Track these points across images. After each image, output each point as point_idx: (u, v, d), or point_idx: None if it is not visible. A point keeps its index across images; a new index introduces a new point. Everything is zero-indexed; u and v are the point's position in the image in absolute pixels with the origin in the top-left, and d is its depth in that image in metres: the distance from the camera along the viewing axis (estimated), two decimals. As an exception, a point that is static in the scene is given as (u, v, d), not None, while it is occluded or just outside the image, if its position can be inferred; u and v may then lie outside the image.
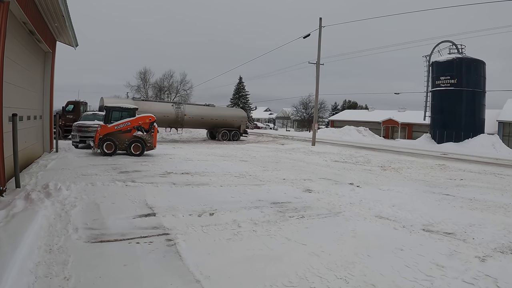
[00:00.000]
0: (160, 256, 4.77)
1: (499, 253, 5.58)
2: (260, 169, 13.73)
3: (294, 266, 4.62)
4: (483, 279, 4.51)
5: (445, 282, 4.35)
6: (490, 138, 37.00)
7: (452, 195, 10.28)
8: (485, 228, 6.97)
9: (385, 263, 4.84)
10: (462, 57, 39.65)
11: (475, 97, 39.37)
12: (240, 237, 5.73)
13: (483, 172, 16.80)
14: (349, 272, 4.48)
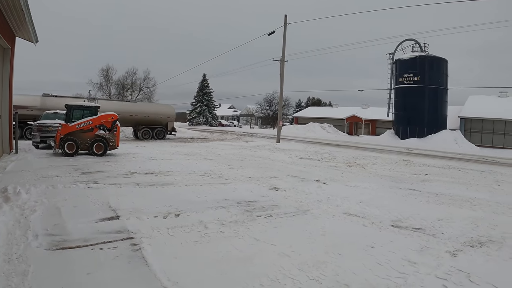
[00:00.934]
0: (125, 263, 4.57)
1: (469, 247, 5.70)
2: (225, 167, 13.64)
3: (265, 268, 4.53)
4: (455, 274, 4.57)
5: (419, 279, 4.38)
6: (452, 133, 38.42)
7: (418, 190, 10.51)
8: (453, 222, 7.13)
9: (357, 261, 4.83)
10: (425, 55, 41.19)
11: (438, 94, 40.98)
12: (208, 239, 5.60)
13: (447, 167, 17.32)
14: (321, 272, 4.44)
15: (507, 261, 5.21)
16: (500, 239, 6.26)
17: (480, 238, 6.26)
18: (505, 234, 6.56)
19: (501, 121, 39.34)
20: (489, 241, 6.12)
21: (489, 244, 5.95)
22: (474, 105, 42.45)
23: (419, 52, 41.93)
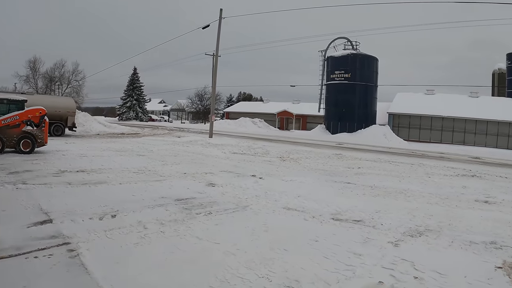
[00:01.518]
0: (63, 271, 4.24)
1: (409, 237, 5.97)
2: (159, 163, 13.32)
3: (212, 268, 4.42)
4: (401, 264, 4.76)
5: (366, 270, 4.50)
6: (381, 128, 40.30)
7: (353, 183, 10.84)
8: (390, 213, 7.43)
9: (304, 256, 4.86)
10: (356, 53, 43.12)
11: (368, 90, 43.09)
12: (148, 240, 5.38)
13: (378, 160, 18.02)
14: (269, 270, 4.41)
15: (446, 249, 5.53)
16: (437, 228, 6.61)
17: (418, 228, 6.56)
18: (441, 223, 6.94)
19: (427, 117, 41.87)
20: (427, 230, 6.44)
21: (428, 233, 6.27)
22: (402, 101, 44.81)
23: (351, 50, 43.77)
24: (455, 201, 9.28)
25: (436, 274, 4.52)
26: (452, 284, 4.31)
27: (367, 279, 4.29)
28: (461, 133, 41.55)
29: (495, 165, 20.76)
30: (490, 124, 41.07)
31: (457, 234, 6.31)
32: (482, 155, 28.09)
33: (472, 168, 17.26)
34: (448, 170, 15.75)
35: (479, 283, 4.40)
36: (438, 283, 4.29)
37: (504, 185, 12.85)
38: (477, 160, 23.11)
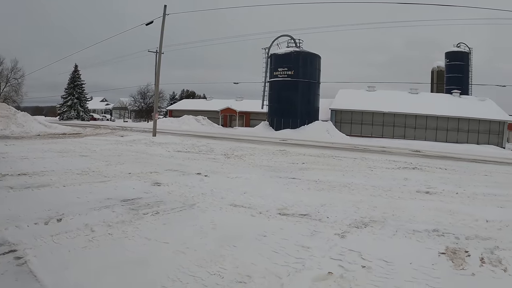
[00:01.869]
0: (12, 280, 3.99)
1: (355, 228, 6.15)
2: (103, 164, 12.92)
3: (163, 268, 4.35)
4: (348, 254, 4.90)
5: (315, 262, 4.60)
6: (324, 124, 41.30)
7: (298, 178, 11.00)
8: (335, 207, 7.60)
9: (253, 252, 4.89)
10: (299, 51, 43.93)
11: (310, 87, 44.07)
12: (97, 243, 5.20)
13: (322, 155, 18.40)
14: (220, 267, 4.40)
15: (391, 238, 5.77)
16: (381, 218, 6.86)
17: (363, 219, 6.77)
18: (385, 214, 7.21)
19: (369, 113, 43.50)
20: (372, 221, 6.66)
21: (373, 224, 6.48)
22: (344, 98, 46.31)
23: (294, 47, 44.54)
24: (397, 192, 9.65)
25: (382, 262, 4.70)
26: (398, 271, 4.49)
27: (317, 271, 4.38)
28: (402, 127, 43.46)
29: (434, 157, 21.78)
30: (430, 119, 43.28)
31: (400, 224, 6.57)
32: (422, 148, 29.39)
33: (413, 161, 18.03)
34: (390, 163, 16.35)
35: (424, 268, 4.62)
36: (385, 271, 4.47)
37: (444, 176, 13.51)
38: (418, 153, 24.14)
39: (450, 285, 4.33)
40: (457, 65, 60.22)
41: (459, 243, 5.80)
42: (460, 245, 5.70)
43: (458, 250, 5.49)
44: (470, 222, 7.14)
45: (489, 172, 16.01)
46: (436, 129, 43.40)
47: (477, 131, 43.38)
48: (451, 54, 61.11)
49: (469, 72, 60.76)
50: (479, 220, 7.30)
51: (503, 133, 43.95)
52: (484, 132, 43.54)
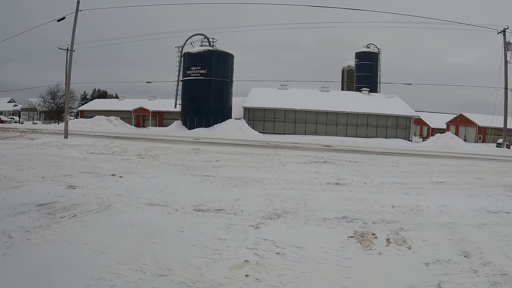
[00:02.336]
0: None
1: (268, 220, 6.45)
2: (14, 169, 12.15)
3: (86, 269, 4.31)
4: (263, 243, 5.18)
5: (232, 252, 4.82)
6: (237, 122, 41.77)
7: (212, 176, 11.12)
8: (249, 201, 7.85)
9: (172, 247, 4.99)
10: (213, 50, 43.96)
11: (224, 86, 44.30)
12: (16, 249, 4.97)
13: (235, 153, 18.65)
14: (141, 263, 4.46)
15: (303, 226, 6.14)
16: (293, 209, 7.23)
17: (276, 211, 7.09)
18: (296, 205, 7.59)
19: (281, 110, 44.71)
20: (284, 212, 7.00)
21: (285, 215, 6.83)
22: (257, 96, 47.18)
23: (208, 46, 44.40)
24: (309, 185, 10.12)
25: (296, 248, 5.03)
26: (310, 255, 4.85)
27: (234, 260, 4.60)
28: (314, 124, 45.15)
29: (344, 151, 22.87)
30: (340, 116, 45.36)
31: (312, 213, 7.00)
32: (333, 143, 30.70)
33: (324, 155, 18.84)
34: (302, 158, 16.97)
35: (334, 251, 5.03)
36: (298, 256, 4.80)
37: (353, 168, 14.31)
38: (328, 148, 25.19)
39: (359, 263, 4.76)
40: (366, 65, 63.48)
41: (366, 227, 6.34)
42: (368, 229, 6.24)
43: (366, 233, 6.00)
44: (377, 208, 7.76)
45: (396, 163, 17.17)
46: (347, 125, 45.62)
47: (386, 126, 46.25)
48: (361, 54, 64.31)
49: (377, 71, 64.29)
50: (386, 206, 7.96)
51: (409, 128, 47.32)
52: (392, 127, 46.50)
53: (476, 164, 19.52)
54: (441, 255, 5.21)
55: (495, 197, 9.98)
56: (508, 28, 40.18)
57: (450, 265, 4.92)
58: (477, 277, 4.61)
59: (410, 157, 21.36)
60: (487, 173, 15.61)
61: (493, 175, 14.99)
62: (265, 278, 4.17)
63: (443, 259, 5.09)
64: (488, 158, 25.28)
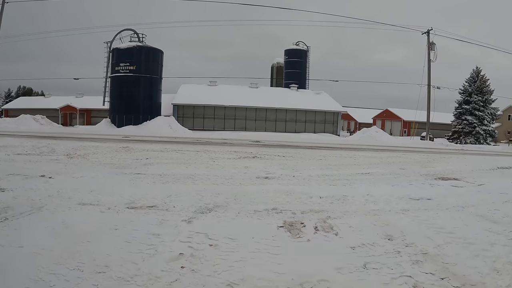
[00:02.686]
0: None
1: (200, 214, 6.62)
2: None
3: (23, 271, 4.22)
4: (196, 236, 5.35)
5: (166, 246, 4.94)
6: (167, 119, 41.27)
7: (143, 174, 11.04)
8: (181, 197, 7.94)
9: (108, 244, 4.99)
10: (142, 46, 42.73)
11: (153, 82, 43.34)
12: None
13: (165, 150, 18.52)
14: (78, 262, 4.44)
15: (234, 219, 6.40)
16: (224, 203, 7.46)
17: (208, 205, 7.26)
18: (227, 199, 7.82)
19: (211, 107, 44.64)
20: (215, 206, 7.20)
21: (216, 209, 7.03)
22: (186, 93, 46.73)
23: (137, 42, 43.19)
24: (239, 180, 10.35)
25: (228, 239, 5.25)
26: (242, 245, 5.09)
27: (169, 253, 4.71)
28: (243, 120, 45.50)
29: (273, 146, 23.34)
30: (269, 111, 46.02)
31: (242, 206, 7.25)
32: (262, 139, 31.17)
33: (253, 151, 19.17)
34: (231, 154, 17.17)
35: (265, 240, 5.31)
36: (230, 247, 5.01)
37: (282, 162, 14.71)
38: (258, 144, 25.58)
39: (288, 250, 5.05)
40: (295, 62, 64.39)
41: (295, 217, 6.68)
42: (296, 219, 6.58)
43: (295, 222, 6.33)
44: (305, 199, 8.14)
45: (323, 157, 17.81)
46: (276, 120, 46.38)
47: (314, 121, 47.53)
48: (290, 51, 65.16)
49: (306, 68, 65.47)
50: (313, 197, 8.36)
51: (337, 122, 48.91)
52: (320, 122, 47.86)
53: (400, 156, 20.67)
54: (366, 239, 5.63)
55: (418, 185, 10.73)
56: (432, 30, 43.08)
57: (375, 248, 5.32)
58: (400, 257, 5.03)
59: (337, 151, 22.20)
60: (410, 164, 16.61)
61: (416, 166, 15.97)
62: (200, 269, 4.32)
63: (368, 242, 5.51)
64: (412, 150, 26.78)
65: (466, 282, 4.41)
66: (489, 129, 48.39)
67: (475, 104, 48.21)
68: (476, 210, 8.08)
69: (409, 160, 18.74)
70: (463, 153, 28.11)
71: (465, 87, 49.90)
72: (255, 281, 4.11)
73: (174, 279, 4.07)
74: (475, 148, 36.95)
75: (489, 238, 6.05)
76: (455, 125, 50.09)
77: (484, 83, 49.04)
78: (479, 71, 49.67)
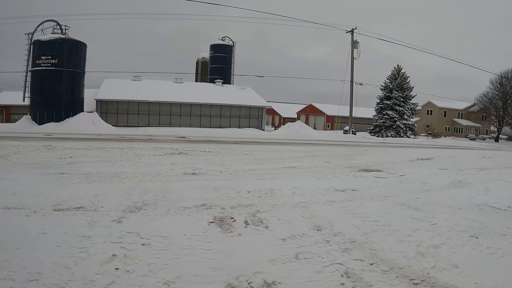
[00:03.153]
0: None
1: (129, 213, 6.54)
2: None
3: None
4: (127, 236, 5.30)
5: (98, 248, 4.83)
6: (90, 116, 39.73)
7: (67, 173, 10.64)
8: (108, 196, 7.76)
9: (38, 250, 4.79)
10: (65, 38, 40.33)
11: (75, 77, 41.18)
12: None
13: (89, 148, 17.95)
14: (9, 270, 4.21)
15: (164, 216, 6.45)
16: (153, 201, 7.43)
17: (136, 204, 7.19)
18: (156, 197, 7.79)
19: (135, 102, 43.60)
20: (144, 204, 7.15)
21: (146, 207, 6.99)
22: (109, 88, 45.24)
23: (60, 34, 40.82)
24: (166, 176, 10.29)
25: (160, 238, 5.25)
26: (175, 242, 5.12)
27: (102, 255, 4.62)
28: (168, 116, 44.94)
29: (199, 142, 23.31)
30: (194, 107, 45.77)
31: (171, 204, 7.25)
32: (187, 134, 31.02)
33: (179, 147, 19.05)
34: (157, 151, 16.97)
35: (197, 237, 5.39)
36: (163, 245, 5.02)
37: (208, 158, 14.78)
38: (183, 139, 25.43)
39: (221, 246, 5.16)
40: (221, 57, 64.06)
41: (225, 212, 6.81)
42: (226, 214, 6.71)
43: (225, 217, 6.46)
44: (233, 194, 8.29)
45: (249, 151, 18.06)
46: (201, 116, 46.23)
47: (239, 116, 47.90)
48: (216, 46, 64.75)
49: (231, 63, 65.43)
50: (241, 191, 8.53)
51: (262, 117, 49.64)
52: (245, 117, 48.32)
53: (324, 149, 21.42)
54: (296, 231, 5.87)
55: (342, 177, 11.22)
56: (356, 29, 44.93)
57: (305, 239, 5.56)
58: (330, 246, 5.30)
59: (262, 145, 22.58)
60: (334, 157, 17.27)
61: (340, 159, 16.63)
62: (135, 269, 4.29)
63: (298, 234, 5.74)
64: (336, 143, 27.82)
65: (394, 266, 4.73)
66: (409, 123, 51.60)
67: (396, 99, 51.13)
68: (399, 199, 8.64)
69: (333, 153, 19.48)
70: (385, 146, 29.67)
71: (386, 84, 52.74)
72: (191, 278, 4.14)
73: (110, 281, 4.01)
74: (396, 141, 39.11)
75: (413, 225, 6.53)
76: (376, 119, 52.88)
77: (404, 80, 52.16)
78: (400, 69, 52.72)
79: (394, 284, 4.30)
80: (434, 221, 6.89)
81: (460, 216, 7.42)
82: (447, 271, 4.67)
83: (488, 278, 4.48)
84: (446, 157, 20.73)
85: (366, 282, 4.29)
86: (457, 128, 70.05)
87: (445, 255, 5.16)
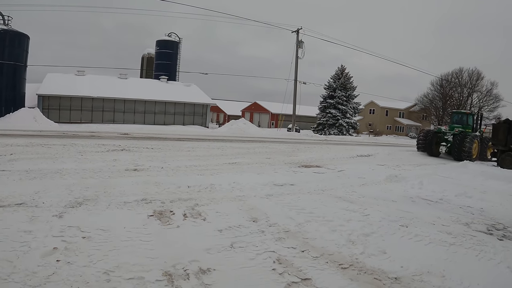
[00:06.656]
0: None
1: (70, 208, 6.55)
2: None
3: None
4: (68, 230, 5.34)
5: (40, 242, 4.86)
6: (31, 111, 38.03)
7: (8, 170, 10.35)
8: (50, 192, 7.68)
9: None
10: (7, 29, 37.95)
11: (17, 71, 38.96)
12: None
13: (30, 144, 17.38)
14: None
15: (105, 211, 6.49)
16: (94, 197, 7.45)
17: (78, 199, 7.19)
18: (97, 192, 7.80)
19: (78, 98, 42.08)
20: (86, 200, 7.17)
21: (87, 202, 7.02)
22: (52, 82, 43.32)
23: (2, 25, 38.58)
24: (107, 173, 10.27)
25: (100, 231, 5.34)
26: (115, 235, 5.24)
27: (43, 249, 4.66)
28: (111, 112, 43.82)
29: (142, 139, 23.06)
30: (138, 103, 44.91)
31: (112, 199, 7.32)
32: (131, 131, 30.51)
33: (122, 143, 18.81)
34: (100, 147, 16.68)
35: (136, 229, 5.53)
36: (103, 237, 5.12)
37: (150, 154, 14.75)
38: (126, 136, 25.03)
39: (160, 237, 5.35)
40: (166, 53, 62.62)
41: (164, 206, 6.99)
42: (166, 207, 6.89)
43: (164, 211, 6.64)
44: (174, 189, 8.44)
45: (192, 148, 18.14)
46: (145, 112, 45.41)
47: (183, 114, 47.45)
48: (162, 42, 63.32)
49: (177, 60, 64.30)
50: (182, 187, 8.69)
51: (206, 115, 49.45)
52: (190, 114, 47.95)
53: (266, 146, 21.78)
54: (232, 223, 6.14)
55: (282, 172, 11.58)
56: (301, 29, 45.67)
57: (241, 229, 5.84)
58: (264, 236, 5.60)
59: (205, 142, 22.67)
60: (276, 154, 17.66)
61: (281, 155, 17.04)
62: (76, 261, 4.38)
63: (235, 225, 6.02)
64: (278, 141, 28.27)
65: (324, 253, 5.09)
66: (351, 122, 53.20)
67: (339, 98, 52.60)
68: (335, 193, 9.09)
69: (275, 150, 19.89)
70: (327, 143, 30.48)
71: (330, 83, 54.11)
72: (130, 267, 4.29)
73: (51, 272, 4.08)
74: (338, 139, 40.21)
75: (346, 216, 6.95)
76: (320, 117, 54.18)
77: (348, 80, 53.71)
78: (344, 69, 54.27)
79: (323, 268, 4.64)
80: (367, 212, 7.36)
81: (393, 207, 7.95)
82: (375, 257, 5.08)
83: (413, 262, 4.92)
84: (385, 154, 21.75)
85: (297, 267, 4.61)
86: (398, 127, 73.19)
87: (374, 243, 5.59)
